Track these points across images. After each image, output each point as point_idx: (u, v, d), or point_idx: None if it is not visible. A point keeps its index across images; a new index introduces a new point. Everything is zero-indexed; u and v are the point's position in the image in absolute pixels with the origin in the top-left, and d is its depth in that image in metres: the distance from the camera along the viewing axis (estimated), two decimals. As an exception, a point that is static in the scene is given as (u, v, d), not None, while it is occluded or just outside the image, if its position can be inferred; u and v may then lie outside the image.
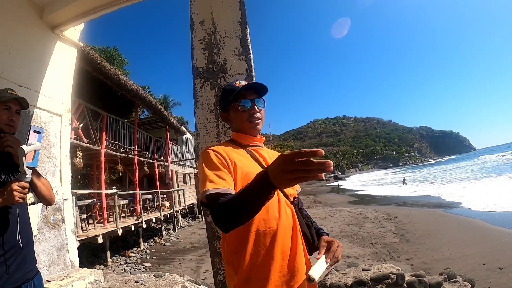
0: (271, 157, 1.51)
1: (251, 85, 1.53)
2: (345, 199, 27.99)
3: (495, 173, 33.44)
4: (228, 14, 2.70)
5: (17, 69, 3.25)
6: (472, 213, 13.25)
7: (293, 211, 1.40)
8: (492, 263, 6.49)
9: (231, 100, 1.52)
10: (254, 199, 1.03)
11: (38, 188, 1.77)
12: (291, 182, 0.89)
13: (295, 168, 0.85)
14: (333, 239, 1.39)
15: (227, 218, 1.13)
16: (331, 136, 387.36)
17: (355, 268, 4.18)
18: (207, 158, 1.37)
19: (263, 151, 1.54)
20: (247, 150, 1.49)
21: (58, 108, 3.88)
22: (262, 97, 1.56)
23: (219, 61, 2.65)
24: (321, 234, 1.48)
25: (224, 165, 1.33)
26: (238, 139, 1.55)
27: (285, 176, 0.88)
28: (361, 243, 9.75)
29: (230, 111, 1.56)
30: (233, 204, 1.10)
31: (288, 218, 1.36)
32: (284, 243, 1.30)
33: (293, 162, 0.86)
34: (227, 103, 1.54)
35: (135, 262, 10.02)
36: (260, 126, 1.55)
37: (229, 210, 1.11)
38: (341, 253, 1.37)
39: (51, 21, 3.68)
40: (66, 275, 3.50)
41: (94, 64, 9.40)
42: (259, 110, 1.53)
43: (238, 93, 1.49)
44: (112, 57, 23.71)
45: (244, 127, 1.53)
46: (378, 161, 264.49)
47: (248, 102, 1.50)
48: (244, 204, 1.07)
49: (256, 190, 1.01)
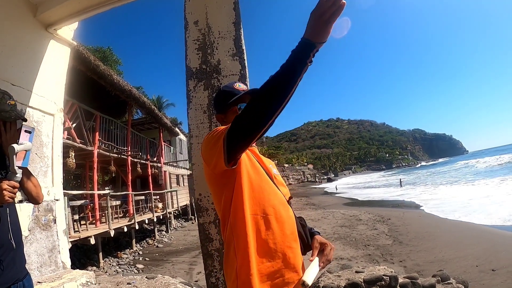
0: (265, 160, 1.52)
1: (250, 91, 1.50)
2: (339, 201, 28.08)
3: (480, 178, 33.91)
4: (222, 15, 2.70)
5: (10, 67, 3.22)
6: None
7: (291, 211, 1.41)
8: (485, 265, 6.53)
9: (231, 103, 1.49)
10: (298, 66, 1.02)
11: (26, 186, 1.75)
12: (330, 21, 0.97)
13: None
14: (326, 241, 1.41)
15: (265, 104, 1.06)
16: (324, 138, 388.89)
17: (348, 270, 4.18)
18: (213, 132, 1.31)
19: (257, 152, 1.53)
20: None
21: (51, 108, 3.84)
22: None
23: (212, 62, 2.64)
24: (314, 233, 1.49)
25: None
26: None
27: (324, 17, 0.97)
28: (354, 245, 9.78)
29: (228, 113, 1.53)
30: (275, 78, 1.05)
31: (290, 216, 1.36)
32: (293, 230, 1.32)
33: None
34: (226, 105, 1.51)
35: (127, 263, 9.95)
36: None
37: (270, 89, 1.06)
38: (334, 255, 1.39)
39: (45, 19, 3.65)
40: (58, 276, 3.46)
41: (88, 63, 9.33)
42: None
43: (238, 97, 1.47)
44: (106, 57, 23.56)
45: None
46: (371, 163, 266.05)
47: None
48: (287, 75, 1.04)
49: (298, 54, 1.02)
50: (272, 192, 1.34)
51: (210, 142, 1.28)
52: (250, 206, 1.27)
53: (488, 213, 12.67)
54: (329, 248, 1.37)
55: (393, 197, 26.66)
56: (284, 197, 1.42)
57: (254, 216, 1.26)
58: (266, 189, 1.33)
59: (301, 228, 1.46)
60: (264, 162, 1.48)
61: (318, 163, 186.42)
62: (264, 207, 1.28)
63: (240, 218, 1.25)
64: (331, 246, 1.39)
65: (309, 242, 1.45)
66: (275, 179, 1.44)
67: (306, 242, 1.45)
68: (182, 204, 19.73)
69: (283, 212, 1.32)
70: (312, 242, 1.42)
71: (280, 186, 1.44)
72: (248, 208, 1.26)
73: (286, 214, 1.33)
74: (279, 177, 1.50)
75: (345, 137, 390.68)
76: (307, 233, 1.48)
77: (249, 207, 1.26)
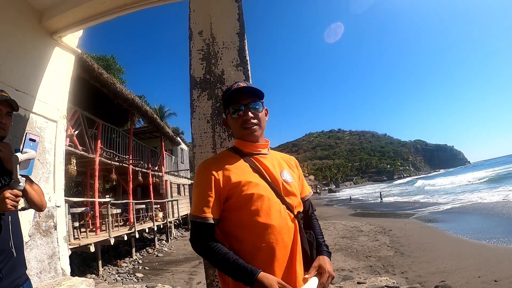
0: (275, 165, 1.45)
1: (243, 89, 1.42)
2: (341, 212, 27.94)
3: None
4: (226, 25, 2.72)
5: (14, 73, 3.24)
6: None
7: (296, 227, 1.36)
8: (487, 275, 6.47)
9: (225, 105, 1.46)
10: (228, 273, 1.26)
11: (29, 194, 1.74)
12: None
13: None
14: (325, 267, 1.36)
15: (201, 255, 1.33)
16: (326, 149, 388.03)
17: (350, 281, 4.16)
18: (200, 177, 1.38)
19: (266, 160, 1.45)
20: (248, 160, 1.42)
21: (54, 114, 3.86)
22: (261, 99, 1.46)
23: (216, 72, 2.65)
24: (321, 252, 1.44)
25: (214, 188, 1.32)
26: (240, 147, 1.47)
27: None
28: (355, 256, 9.71)
29: (228, 117, 1.48)
30: (212, 257, 1.27)
31: (289, 233, 1.33)
32: (282, 258, 1.30)
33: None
34: (224, 108, 1.49)
35: (127, 272, 9.89)
36: (258, 131, 1.44)
37: (206, 255, 1.30)
38: (335, 267, 1.38)
39: (50, 26, 3.69)
40: (57, 283, 3.44)
41: (91, 71, 9.38)
42: (255, 114, 1.42)
43: (230, 98, 1.42)
44: (110, 65, 23.71)
45: (240, 133, 1.45)
46: (372, 174, 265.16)
47: (241, 107, 1.41)
48: (218, 267, 1.30)
49: (235, 276, 1.23)
50: (260, 223, 1.30)
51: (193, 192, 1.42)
52: (235, 242, 1.34)
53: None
54: (326, 275, 1.34)
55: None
56: (291, 209, 1.38)
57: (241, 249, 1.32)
58: (250, 225, 1.31)
59: (307, 245, 1.40)
60: (272, 171, 1.41)
61: (319, 174, 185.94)
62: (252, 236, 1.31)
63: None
64: (330, 273, 1.36)
65: (313, 259, 1.40)
66: (283, 189, 1.39)
67: (310, 259, 1.39)
68: (182, 214, 19.65)
69: (272, 238, 1.29)
70: (314, 261, 1.39)
71: (289, 197, 1.40)
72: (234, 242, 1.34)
73: (277, 239, 1.30)
74: (291, 185, 1.43)
75: (347, 148, 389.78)
76: (313, 251, 1.42)
77: (234, 243, 1.34)
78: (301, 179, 1.59)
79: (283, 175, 1.43)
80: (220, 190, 1.32)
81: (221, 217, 1.34)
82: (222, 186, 1.32)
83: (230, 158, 1.42)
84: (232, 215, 1.34)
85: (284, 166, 1.50)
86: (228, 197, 1.33)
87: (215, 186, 1.32)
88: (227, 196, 1.33)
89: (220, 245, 1.27)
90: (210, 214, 1.29)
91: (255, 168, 1.39)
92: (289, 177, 1.45)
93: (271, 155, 1.50)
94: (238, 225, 1.32)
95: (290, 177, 1.46)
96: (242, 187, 1.31)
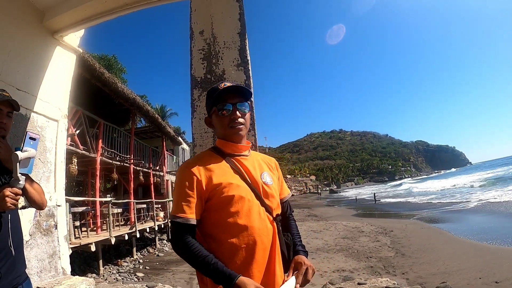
0: (256, 166, 1.46)
1: (233, 88, 1.41)
2: (341, 212, 27.90)
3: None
4: (228, 25, 2.72)
5: (16, 72, 3.25)
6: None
7: (274, 229, 1.38)
8: (488, 277, 6.45)
9: (211, 103, 1.43)
10: (207, 275, 1.25)
11: (29, 193, 1.75)
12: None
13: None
14: (303, 261, 1.38)
15: (181, 255, 1.31)
16: (327, 149, 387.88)
17: (351, 282, 4.15)
18: (182, 178, 1.36)
19: (247, 161, 1.45)
20: (229, 161, 1.42)
21: (55, 113, 3.87)
22: (248, 100, 1.47)
23: (217, 72, 2.66)
24: (297, 252, 1.45)
25: (196, 188, 1.32)
26: (222, 147, 1.46)
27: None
28: (356, 257, 9.68)
29: (212, 116, 1.47)
30: (192, 259, 1.27)
31: (268, 235, 1.35)
32: (261, 260, 1.31)
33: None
34: (209, 106, 1.46)
35: (127, 271, 9.87)
36: (244, 131, 1.44)
37: (186, 257, 1.28)
38: (336, 267, 1.38)
39: (52, 25, 3.70)
40: (57, 282, 3.45)
41: (93, 71, 9.39)
42: (242, 114, 1.42)
43: (219, 96, 1.40)
44: (111, 65, 23.73)
45: (225, 133, 1.43)
46: (374, 175, 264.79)
47: (229, 106, 1.40)
48: (197, 267, 1.28)
49: (214, 279, 1.23)
50: (240, 225, 1.31)
51: (174, 193, 1.41)
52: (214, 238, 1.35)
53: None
54: (303, 268, 1.35)
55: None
56: (270, 211, 1.40)
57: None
58: (229, 226, 1.32)
59: (285, 247, 1.42)
60: (252, 173, 1.42)
61: (320, 175, 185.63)
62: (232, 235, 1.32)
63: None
64: (308, 265, 1.37)
65: (290, 261, 1.42)
66: (263, 191, 1.41)
67: (288, 261, 1.41)
68: (183, 213, 19.54)
69: (251, 240, 1.31)
70: (292, 260, 1.40)
71: (268, 199, 1.41)
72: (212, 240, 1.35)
73: (256, 241, 1.31)
74: (271, 187, 1.45)
75: (348, 148, 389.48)
76: (290, 254, 1.44)
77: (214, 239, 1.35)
78: (280, 180, 1.61)
79: (263, 177, 1.45)
80: (201, 190, 1.32)
81: (200, 218, 1.34)
82: (203, 187, 1.32)
83: (211, 159, 1.42)
84: (212, 216, 1.34)
85: (265, 167, 1.52)
86: (209, 198, 1.33)
87: (197, 186, 1.32)
88: (208, 197, 1.33)
89: (200, 246, 1.27)
90: (191, 214, 1.29)
91: (236, 170, 1.40)
92: (269, 179, 1.47)
93: (251, 157, 1.51)
94: (217, 226, 1.33)
95: (270, 179, 1.48)
96: (223, 189, 1.32)
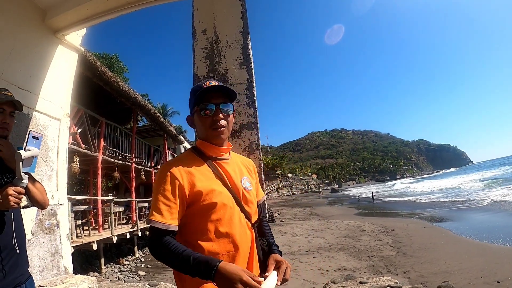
0: (236, 171, 1.44)
1: (217, 88, 1.35)
2: (343, 211, 27.89)
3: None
4: (230, 24, 2.72)
5: (17, 71, 3.24)
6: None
7: (252, 236, 1.38)
8: (490, 276, 6.46)
9: (194, 101, 1.37)
10: (188, 272, 1.16)
11: (31, 192, 1.75)
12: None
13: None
14: (282, 260, 1.36)
15: (160, 257, 1.22)
16: (328, 148, 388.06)
17: (352, 281, 4.14)
18: (163, 181, 1.29)
19: (228, 165, 1.42)
20: (211, 165, 1.38)
21: (57, 112, 3.86)
22: (232, 101, 1.41)
23: (220, 70, 2.65)
24: (272, 251, 1.44)
25: (178, 193, 1.27)
26: (203, 148, 1.42)
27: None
28: (357, 256, 9.69)
29: (194, 115, 1.40)
30: (171, 256, 1.19)
31: (247, 242, 1.35)
32: (241, 266, 1.27)
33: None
34: (192, 105, 1.40)
35: (129, 270, 9.89)
36: (225, 135, 1.40)
37: (165, 256, 1.21)
38: (337, 266, 1.37)
39: (53, 24, 3.68)
40: (59, 281, 3.45)
41: (94, 70, 9.38)
42: (225, 116, 1.37)
43: (202, 96, 1.34)
44: (113, 64, 23.73)
45: (207, 134, 1.38)
46: (375, 174, 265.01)
47: (212, 106, 1.34)
48: (179, 263, 1.18)
49: (196, 269, 1.14)
50: (222, 232, 1.29)
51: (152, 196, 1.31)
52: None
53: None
54: (284, 266, 1.32)
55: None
56: (249, 217, 1.39)
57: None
58: (211, 233, 1.29)
59: (261, 253, 1.42)
60: (233, 178, 1.40)
61: (322, 173, 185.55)
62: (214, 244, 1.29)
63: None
64: (287, 264, 1.35)
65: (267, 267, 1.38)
66: (243, 197, 1.39)
67: (263, 267, 1.39)
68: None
69: (232, 247, 1.30)
70: (268, 259, 1.37)
71: (248, 205, 1.40)
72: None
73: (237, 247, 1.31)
74: (250, 193, 1.44)
75: (349, 147, 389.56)
76: (265, 258, 1.41)
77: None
78: (257, 183, 1.58)
79: (243, 182, 1.43)
80: (183, 196, 1.27)
81: (180, 223, 1.28)
82: (185, 192, 1.28)
83: (194, 161, 1.37)
84: (192, 222, 1.31)
85: (244, 172, 1.50)
86: (191, 204, 1.29)
87: (179, 191, 1.27)
88: (189, 203, 1.29)
89: (176, 244, 1.21)
90: (172, 220, 1.23)
91: (218, 175, 1.36)
92: (248, 184, 1.45)
93: (232, 160, 1.48)
94: (198, 232, 1.30)
95: (250, 184, 1.46)
96: (206, 195, 1.28)
